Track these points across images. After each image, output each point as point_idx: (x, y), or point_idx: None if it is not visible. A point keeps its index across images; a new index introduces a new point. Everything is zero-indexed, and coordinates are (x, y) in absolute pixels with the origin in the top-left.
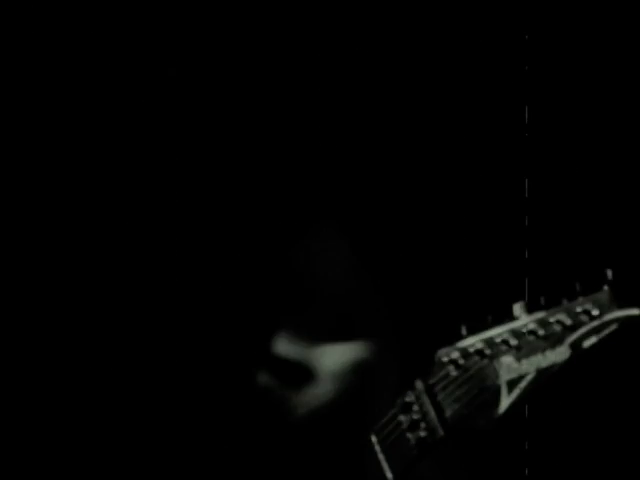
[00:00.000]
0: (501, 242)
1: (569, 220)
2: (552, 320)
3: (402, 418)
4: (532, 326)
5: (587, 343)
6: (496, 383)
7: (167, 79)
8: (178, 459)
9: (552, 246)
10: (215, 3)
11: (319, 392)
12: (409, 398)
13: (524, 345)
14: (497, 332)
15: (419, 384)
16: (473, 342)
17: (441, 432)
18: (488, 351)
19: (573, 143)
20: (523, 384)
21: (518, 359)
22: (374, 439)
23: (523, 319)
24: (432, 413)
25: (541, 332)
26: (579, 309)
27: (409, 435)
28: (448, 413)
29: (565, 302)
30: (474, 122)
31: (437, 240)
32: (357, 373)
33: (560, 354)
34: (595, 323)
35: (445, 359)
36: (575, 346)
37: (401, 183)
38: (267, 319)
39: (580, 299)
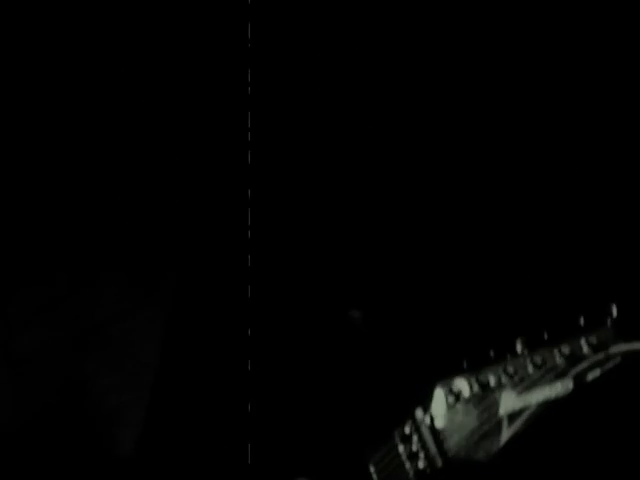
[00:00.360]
0: (504, 276)
1: (573, 254)
2: (555, 353)
3: (401, 448)
4: (535, 360)
5: (591, 376)
6: (497, 416)
7: None
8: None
9: (555, 281)
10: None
11: None
12: (408, 428)
13: (526, 378)
14: (499, 366)
15: (419, 415)
16: (475, 375)
17: (440, 463)
18: (490, 384)
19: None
20: (524, 417)
21: (520, 392)
22: (372, 469)
23: (525, 353)
24: (431, 444)
25: (544, 366)
26: (583, 343)
27: (407, 466)
28: (448, 444)
29: (568, 336)
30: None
31: (442, 270)
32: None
33: (563, 387)
34: (599, 356)
35: (446, 391)
36: (578, 379)
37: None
38: None
39: (584, 333)
